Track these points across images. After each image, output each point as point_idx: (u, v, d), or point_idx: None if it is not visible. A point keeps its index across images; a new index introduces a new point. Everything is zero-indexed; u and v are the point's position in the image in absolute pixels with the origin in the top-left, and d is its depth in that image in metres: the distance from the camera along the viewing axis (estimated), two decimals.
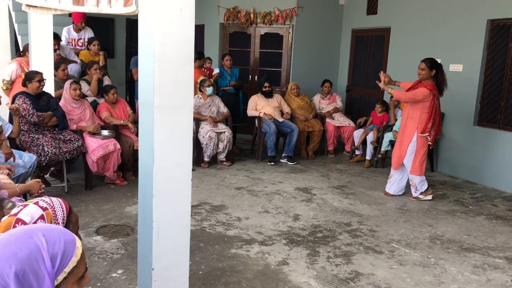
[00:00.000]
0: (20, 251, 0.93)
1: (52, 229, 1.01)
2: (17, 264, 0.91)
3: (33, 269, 0.92)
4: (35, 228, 0.99)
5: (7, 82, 5.76)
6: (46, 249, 0.95)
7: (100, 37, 7.04)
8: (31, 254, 0.93)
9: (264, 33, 8.43)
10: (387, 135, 6.55)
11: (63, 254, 0.97)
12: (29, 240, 0.95)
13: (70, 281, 0.99)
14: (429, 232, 4.33)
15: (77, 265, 1.01)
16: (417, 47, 6.91)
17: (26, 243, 0.94)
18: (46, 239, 0.96)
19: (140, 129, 2.58)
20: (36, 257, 0.93)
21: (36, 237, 0.96)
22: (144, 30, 2.43)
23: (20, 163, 4.13)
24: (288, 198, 5.20)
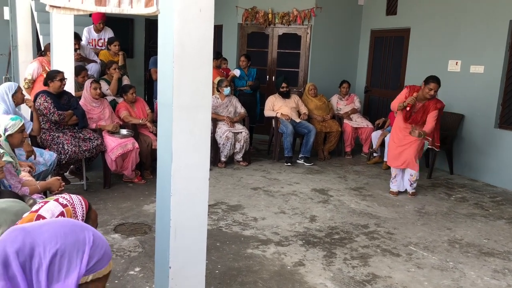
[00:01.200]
0: (70, 235, 0.97)
1: (101, 237, 1.06)
2: (62, 245, 0.94)
3: (71, 256, 0.95)
4: (89, 227, 1.04)
5: (28, 81, 5.88)
6: (90, 247, 0.99)
7: (120, 37, 7.12)
8: (77, 242, 0.97)
9: (282, 33, 8.43)
10: None
11: (98, 261, 1.00)
12: (81, 232, 1.00)
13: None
14: (448, 236, 4.27)
15: (100, 278, 1.03)
16: (437, 48, 6.83)
17: (77, 232, 0.99)
18: (94, 239, 1.01)
19: (159, 128, 2.60)
20: (79, 247, 0.97)
21: (87, 233, 1.00)
22: (163, 30, 2.45)
23: (41, 161, 4.21)
24: (305, 199, 5.18)
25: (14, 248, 0.93)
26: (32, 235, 0.95)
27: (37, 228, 0.98)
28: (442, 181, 6.22)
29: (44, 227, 0.98)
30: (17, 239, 0.94)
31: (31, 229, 0.97)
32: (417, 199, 5.33)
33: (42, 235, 0.95)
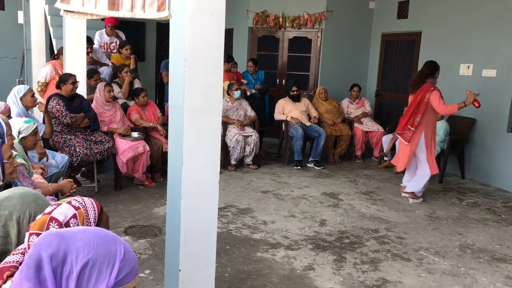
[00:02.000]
0: (103, 246, 0.98)
1: (131, 251, 1.07)
2: (94, 255, 0.96)
3: (101, 267, 0.97)
4: (120, 239, 1.06)
5: (41, 84, 5.95)
6: (120, 260, 1.00)
7: (131, 41, 7.17)
8: (108, 254, 0.98)
9: (293, 37, 8.43)
10: None
11: (126, 275, 1.02)
12: (113, 244, 1.01)
13: None
14: (459, 241, 4.24)
15: None
16: (449, 52, 6.78)
17: (110, 243, 1.00)
18: (125, 252, 1.02)
19: (170, 131, 2.62)
20: (109, 259, 0.98)
21: (119, 246, 1.02)
22: (175, 34, 2.47)
23: (53, 163, 4.25)
24: (315, 203, 5.17)
25: (48, 253, 0.94)
26: (66, 241, 0.97)
27: (72, 235, 0.99)
28: (453, 186, 6.17)
29: (79, 235, 0.99)
30: (52, 244, 0.96)
31: (67, 235, 0.99)
32: (428, 203, 5.29)
33: (77, 242, 0.97)
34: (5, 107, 3.81)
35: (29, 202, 1.57)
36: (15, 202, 1.57)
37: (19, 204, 1.56)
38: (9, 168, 2.24)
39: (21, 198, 1.58)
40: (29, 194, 1.63)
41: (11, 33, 9.35)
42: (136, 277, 1.06)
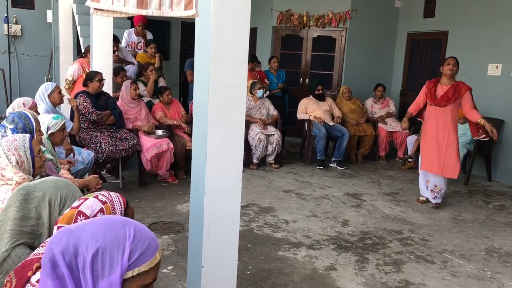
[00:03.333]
0: (110, 232, 1.00)
1: (144, 230, 1.08)
2: (102, 243, 0.98)
3: (112, 253, 0.98)
4: (131, 222, 1.07)
5: (69, 82, 6.07)
6: (131, 242, 1.01)
7: (156, 40, 7.26)
8: (117, 239, 0.99)
9: (317, 36, 8.39)
10: None
11: (141, 254, 1.02)
12: (121, 228, 1.02)
13: (136, 283, 1.04)
14: (485, 244, 4.15)
15: (147, 271, 1.05)
16: (477, 52, 6.64)
17: (118, 228, 1.01)
18: (135, 234, 1.02)
19: (194, 129, 2.64)
20: (119, 244, 0.99)
21: (128, 228, 1.03)
22: (200, 33, 2.48)
23: (79, 159, 4.33)
24: (337, 203, 5.14)
25: (59, 250, 0.97)
26: (75, 235, 0.99)
27: (81, 227, 1.02)
28: (479, 188, 6.04)
29: (87, 227, 1.01)
30: (62, 240, 0.99)
31: (75, 229, 1.01)
32: (453, 206, 5.20)
33: (85, 234, 0.99)
34: (33, 103, 3.91)
35: (61, 186, 1.65)
36: (48, 185, 1.64)
37: (52, 187, 1.63)
38: (38, 162, 2.30)
39: (54, 182, 1.66)
40: (62, 180, 1.71)
41: (40, 32, 9.57)
42: (155, 255, 1.05)
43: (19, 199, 1.65)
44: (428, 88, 4.97)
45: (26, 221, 1.64)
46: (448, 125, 4.82)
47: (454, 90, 4.75)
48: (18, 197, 1.65)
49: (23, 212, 1.64)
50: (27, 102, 3.85)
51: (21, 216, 1.64)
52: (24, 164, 2.22)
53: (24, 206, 1.63)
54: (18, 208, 1.64)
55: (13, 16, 9.28)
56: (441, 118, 4.83)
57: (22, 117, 2.79)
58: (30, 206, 1.64)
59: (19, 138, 2.28)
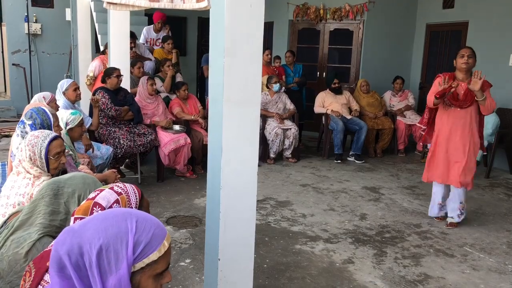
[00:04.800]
0: (111, 228, 1.00)
1: (148, 219, 1.06)
2: (105, 239, 0.98)
3: (116, 248, 0.98)
4: (133, 213, 1.06)
5: (90, 78, 6.16)
6: (133, 234, 1.00)
7: (173, 36, 7.31)
8: (119, 233, 0.99)
9: (334, 29, 8.32)
10: None
11: (147, 245, 1.01)
12: (122, 221, 1.01)
13: (147, 274, 1.03)
14: (507, 238, 4.08)
15: (157, 260, 1.04)
16: (498, 42, 6.50)
17: (119, 222, 1.01)
18: (137, 225, 1.02)
19: (210, 122, 2.65)
20: (122, 238, 0.99)
21: (130, 221, 1.02)
22: (215, 26, 2.49)
23: (98, 155, 4.39)
24: (355, 197, 5.11)
25: (64, 251, 0.98)
26: (78, 235, 0.99)
27: (82, 226, 1.02)
28: (501, 181, 5.93)
29: (88, 224, 1.01)
30: (65, 241, 0.99)
31: (77, 229, 1.01)
32: (474, 199, 5.12)
33: (87, 232, 0.99)
34: (51, 97, 3.97)
35: (89, 183, 1.68)
36: (77, 181, 1.68)
37: (81, 184, 1.67)
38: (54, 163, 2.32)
39: (83, 178, 1.69)
40: (89, 177, 1.74)
41: (60, 30, 9.71)
42: (162, 244, 1.04)
43: (49, 194, 1.69)
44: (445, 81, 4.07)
45: (55, 216, 1.68)
46: (471, 129, 4.10)
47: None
48: (48, 192, 1.69)
49: (52, 207, 1.68)
50: (46, 96, 3.92)
51: (51, 211, 1.68)
52: (37, 162, 2.26)
53: (54, 201, 1.67)
54: (48, 203, 1.68)
55: (33, 15, 9.43)
56: (463, 122, 4.08)
57: (40, 112, 2.84)
58: (59, 201, 1.67)
59: (41, 136, 2.31)
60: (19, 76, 9.50)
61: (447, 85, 3.97)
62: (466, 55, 4.03)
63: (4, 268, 1.69)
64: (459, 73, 4.14)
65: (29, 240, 1.68)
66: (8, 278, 1.68)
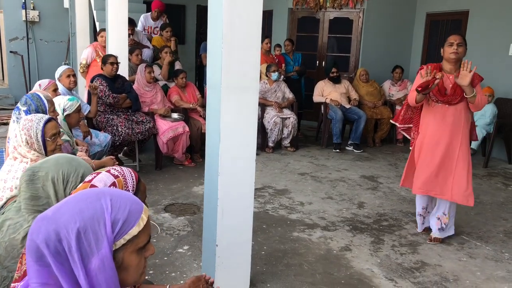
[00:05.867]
0: (87, 210, 0.98)
1: (122, 196, 1.05)
2: (81, 221, 0.96)
3: (94, 229, 0.97)
4: (106, 192, 1.04)
5: (83, 66, 6.13)
6: (109, 213, 0.99)
7: (172, 24, 7.26)
8: (95, 214, 0.98)
9: (334, 17, 8.28)
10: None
11: (125, 221, 1.01)
12: (96, 202, 1.00)
13: (129, 249, 1.03)
14: (504, 226, 4.10)
15: (138, 235, 1.03)
16: (498, 32, 6.47)
17: (93, 203, 0.99)
18: (112, 203, 1.00)
19: (208, 109, 2.65)
20: (98, 218, 0.98)
21: (104, 200, 1.00)
22: (213, 12, 2.47)
23: (96, 142, 4.39)
24: (353, 185, 5.12)
25: (41, 239, 0.96)
26: (53, 220, 0.97)
27: (56, 211, 1.00)
28: (499, 171, 5.94)
29: (62, 209, 1.00)
30: (41, 229, 0.97)
31: (52, 215, 0.99)
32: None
33: (62, 217, 0.97)
34: (49, 83, 3.94)
35: (62, 163, 1.64)
36: (50, 163, 1.65)
37: (53, 165, 1.64)
38: (51, 145, 2.32)
39: (56, 160, 1.66)
40: (64, 157, 1.70)
41: (58, 17, 9.64)
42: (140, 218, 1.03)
43: (26, 179, 1.67)
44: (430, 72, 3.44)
45: (36, 201, 1.66)
46: (461, 129, 3.48)
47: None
48: (25, 178, 1.68)
49: (31, 192, 1.66)
50: (43, 83, 3.90)
51: (30, 196, 1.66)
52: (34, 145, 2.26)
53: (31, 186, 1.65)
54: (26, 189, 1.66)
55: (31, 2, 9.35)
56: (451, 120, 3.47)
57: (35, 98, 2.82)
58: (37, 186, 1.65)
59: (35, 119, 2.31)
60: (17, 64, 9.45)
61: (431, 77, 3.36)
62: (455, 43, 3.40)
63: (1, 253, 1.69)
64: (446, 63, 3.51)
65: (25, 225, 1.68)
66: (5, 263, 1.69)
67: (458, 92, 3.41)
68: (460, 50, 3.41)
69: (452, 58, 3.43)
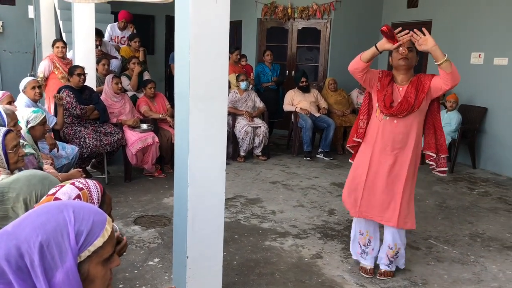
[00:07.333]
0: (49, 222, 0.96)
1: (84, 207, 1.03)
2: (44, 235, 0.94)
3: (58, 242, 0.95)
4: (68, 204, 1.02)
5: (41, 79, 5.97)
6: (72, 225, 0.97)
7: (141, 34, 7.21)
8: (57, 227, 0.96)
9: (302, 28, 8.39)
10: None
11: (89, 232, 0.99)
12: (59, 214, 0.98)
13: (94, 261, 1.01)
14: (469, 230, 4.21)
15: (102, 246, 1.01)
16: (460, 41, 6.70)
17: (55, 216, 0.97)
18: (75, 215, 0.98)
19: (176, 119, 2.63)
20: (62, 231, 0.96)
21: (66, 212, 0.98)
22: (180, 22, 2.47)
23: (63, 154, 4.29)
24: (324, 193, 5.16)
25: (1, 256, 0.93)
26: (14, 236, 0.95)
27: (16, 226, 0.97)
28: (464, 175, 6.11)
29: (23, 223, 0.97)
30: (0, 245, 0.94)
31: (12, 230, 0.97)
32: (439, 193, 5.26)
33: (23, 231, 0.95)
34: (3, 95, 3.85)
35: (35, 184, 1.60)
36: (21, 184, 1.60)
37: (26, 186, 1.59)
38: (13, 157, 2.26)
39: (28, 180, 1.61)
40: (36, 176, 1.65)
41: (22, 28, 9.42)
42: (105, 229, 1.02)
43: None
44: (382, 83, 3.08)
45: (5, 221, 1.60)
46: (409, 146, 3.02)
47: (417, 88, 2.98)
48: None
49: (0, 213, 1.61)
50: None
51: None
52: None
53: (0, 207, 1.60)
54: None
55: None
56: (401, 138, 3.01)
57: None
58: (6, 207, 1.60)
59: None
60: None
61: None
62: (404, 48, 2.97)
63: None
64: (397, 73, 3.08)
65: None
66: None
67: (404, 106, 2.94)
68: (410, 55, 2.98)
69: (402, 64, 2.99)
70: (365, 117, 3.23)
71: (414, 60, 3.06)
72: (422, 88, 2.97)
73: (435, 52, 2.85)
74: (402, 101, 2.96)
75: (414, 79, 3.03)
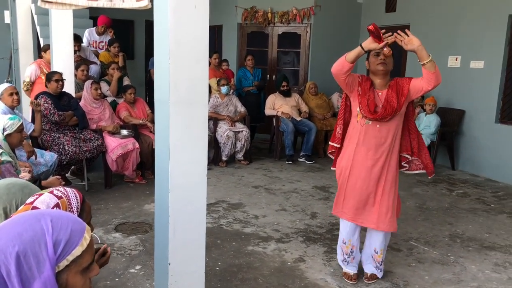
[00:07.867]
0: (26, 232, 0.94)
1: (63, 216, 1.01)
2: (20, 245, 0.92)
3: (35, 251, 0.93)
4: (45, 213, 1.00)
5: (27, 84, 5.90)
6: (50, 234, 0.95)
7: (120, 39, 7.15)
8: (35, 236, 0.94)
9: (282, 32, 8.43)
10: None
11: (67, 242, 0.97)
12: (36, 223, 0.96)
13: (73, 270, 0.99)
14: (449, 231, 4.27)
15: (81, 255, 1.00)
16: (437, 44, 6.81)
17: (32, 225, 0.95)
18: (53, 224, 0.97)
19: (156, 124, 2.61)
20: (39, 240, 0.94)
21: (44, 221, 0.96)
22: (159, 27, 2.46)
23: (42, 162, 4.22)
24: (306, 196, 5.18)
25: None
26: None
27: None
28: (443, 177, 6.21)
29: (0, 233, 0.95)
30: None
31: None
32: (419, 195, 5.33)
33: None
34: None
35: (15, 192, 1.57)
36: (1, 192, 1.56)
37: (5, 195, 1.56)
38: None
39: (7, 188, 1.58)
40: (16, 184, 1.61)
41: None
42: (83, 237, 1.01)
43: None
44: (363, 88, 3.06)
45: None
46: (392, 149, 3.04)
47: (397, 91, 3.00)
48: None
49: None
50: None
51: None
52: None
53: None
54: None
55: None
56: (381, 140, 3.01)
57: None
58: None
59: None
60: None
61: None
62: (382, 52, 2.99)
63: None
64: (375, 77, 3.09)
65: None
66: None
67: (388, 111, 2.93)
68: (389, 60, 3.02)
69: (380, 69, 3.01)
70: (341, 122, 3.20)
71: (391, 65, 3.07)
72: (402, 91, 2.98)
73: (421, 52, 2.86)
74: (385, 105, 2.95)
75: (392, 83, 3.04)
